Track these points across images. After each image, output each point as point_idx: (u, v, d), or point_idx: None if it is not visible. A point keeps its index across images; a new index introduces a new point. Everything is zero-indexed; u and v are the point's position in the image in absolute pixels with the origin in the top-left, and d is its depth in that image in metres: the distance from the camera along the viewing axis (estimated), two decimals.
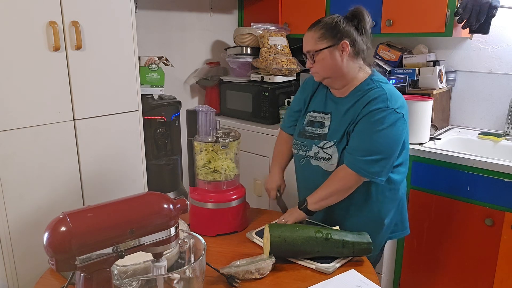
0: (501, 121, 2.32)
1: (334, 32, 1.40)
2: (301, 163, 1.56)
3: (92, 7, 1.73)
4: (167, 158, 2.21)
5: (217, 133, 1.47)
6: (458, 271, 2.02)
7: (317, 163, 1.48)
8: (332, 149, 1.44)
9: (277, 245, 1.24)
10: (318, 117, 1.53)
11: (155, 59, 2.16)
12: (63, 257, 0.81)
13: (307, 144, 1.52)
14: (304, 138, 1.54)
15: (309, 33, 1.44)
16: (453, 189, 1.97)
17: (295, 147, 1.58)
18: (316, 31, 1.42)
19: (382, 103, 1.37)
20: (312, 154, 1.50)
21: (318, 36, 1.41)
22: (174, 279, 1.00)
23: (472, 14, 2.00)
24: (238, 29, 2.72)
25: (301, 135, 1.56)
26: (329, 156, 1.45)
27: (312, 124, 1.53)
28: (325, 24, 1.41)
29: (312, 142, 1.50)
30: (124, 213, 0.90)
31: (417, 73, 2.34)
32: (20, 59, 1.57)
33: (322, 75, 1.46)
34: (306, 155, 1.52)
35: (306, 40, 1.45)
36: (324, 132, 1.48)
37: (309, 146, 1.51)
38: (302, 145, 1.54)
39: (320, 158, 1.47)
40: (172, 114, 2.19)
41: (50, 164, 1.70)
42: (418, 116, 2.09)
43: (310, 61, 1.45)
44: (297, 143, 1.57)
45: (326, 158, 1.45)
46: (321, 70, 1.44)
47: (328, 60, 1.41)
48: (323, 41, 1.40)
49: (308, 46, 1.44)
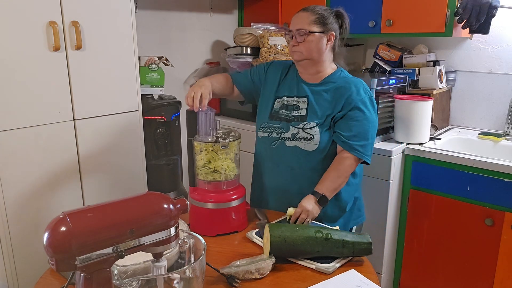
0: (501, 121, 2.32)
1: (327, 22, 1.52)
2: (272, 146, 1.60)
3: (92, 7, 1.73)
4: (167, 158, 2.21)
5: (217, 133, 1.47)
6: (458, 271, 2.02)
7: (295, 143, 1.55)
8: (315, 129, 1.53)
9: (277, 245, 1.23)
10: (291, 101, 1.60)
11: (155, 59, 2.16)
12: (63, 257, 0.81)
13: (283, 126, 1.58)
14: (279, 121, 1.60)
15: (304, 13, 1.53)
16: (453, 189, 1.97)
17: (265, 130, 1.62)
18: (312, 14, 1.51)
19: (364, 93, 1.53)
20: (289, 136, 1.56)
21: (313, 19, 1.51)
22: (174, 279, 1.00)
23: (472, 14, 2.01)
24: (238, 29, 2.72)
25: (273, 117, 1.62)
26: (311, 136, 1.52)
27: (287, 108, 1.60)
28: (321, 12, 1.52)
29: (289, 124, 1.57)
30: (124, 213, 0.90)
31: (417, 73, 2.34)
32: (20, 59, 1.57)
33: (305, 55, 1.54)
34: (281, 137, 1.58)
35: (300, 19, 1.52)
36: (301, 114, 1.56)
37: (285, 128, 1.57)
38: (276, 127, 1.60)
39: (300, 139, 1.54)
40: (172, 114, 2.19)
41: (50, 164, 1.70)
42: (418, 116, 2.09)
43: (299, 39, 1.52)
44: (269, 125, 1.61)
45: (308, 138, 1.53)
46: (307, 51, 1.53)
47: (317, 43, 1.52)
48: (317, 25, 1.51)
49: (301, 25, 1.51)
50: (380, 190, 2.10)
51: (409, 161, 2.10)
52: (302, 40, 1.51)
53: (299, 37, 1.51)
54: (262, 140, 1.64)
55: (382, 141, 2.20)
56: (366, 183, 2.15)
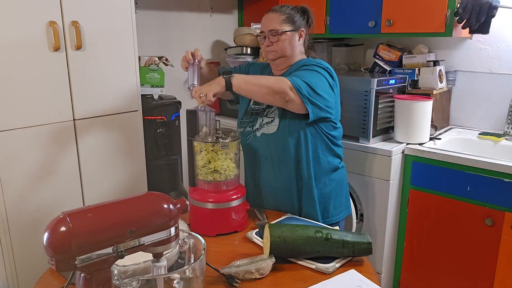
0: (501, 121, 2.32)
1: (296, 19, 1.59)
2: (247, 140, 1.65)
3: (92, 7, 1.73)
4: (167, 158, 2.21)
5: (217, 133, 1.47)
6: (458, 271, 2.02)
7: (262, 131, 1.60)
8: (275, 112, 1.58)
9: (277, 245, 1.23)
10: None
11: (155, 59, 2.16)
12: (63, 257, 0.81)
13: (253, 119, 1.64)
14: (250, 115, 1.66)
15: (273, 14, 1.58)
16: (453, 189, 1.97)
17: (241, 126, 1.68)
18: (281, 14, 1.57)
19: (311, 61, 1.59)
20: (257, 126, 1.62)
21: (283, 19, 1.57)
22: (174, 279, 1.00)
23: (472, 14, 2.00)
24: (238, 29, 2.72)
25: (247, 113, 1.68)
26: (272, 118, 1.58)
27: (257, 103, 1.65)
28: (289, 11, 1.59)
29: (258, 116, 1.63)
30: (124, 213, 0.90)
31: (417, 73, 2.34)
32: (20, 59, 1.57)
33: (280, 54, 1.59)
34: (253, 129, 1.63)
35: (270, 20, 1.58)
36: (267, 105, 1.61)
37: (255, 120, 1.64)
38: (248, 122, 1.66)
39: (264, 124, 1.59)
40: (172, 114, 2.19)
41: (50, 164, 1.70)
42: (418, 116, 2.09)
43: (272, 39, 1.57)
44: (244, 121, 1.68)
45: (269, 121, 1.58)
46: (281, 50, 1.58)
47: (290, 41, 1.58)
48: (287, 24, 1.57)
49: (272, 26, 1.57)
50: (380, 190, 2.10)
51: (409, 161, 2.10)
52: (276, 40, 1.57)
53: (272, 37, 1.57)
54: (241, 136, 1.68)
55: (382, 141, 2.20)
56: (366, 183, 2.16)
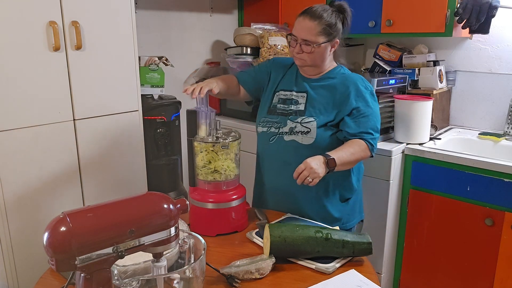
0: (501, 121, 2.32)
1: (332, 30, 1.51)
2: (271, 141, 1.60)
3: (92, 7, 1.73)
4: (167, 158, 2.21)
5: (217, 133, 1.47)
6: (458, 271, 2.02)
7: (293, 137, 1.54)
8: (312, 123, 1.53)
9: (277, 245, 1.23)
10: (289, 95, 1.61)
11: (155, 59, 2.16)
12: (63, 257, 0.81)
13: (280, 120, 1.58)
14: (276, 115, 1.60)
15: (310, 22, 1.49)
16: (453, 189, 1.97)
17: (264, 125, 1.63)
18: (318, 25, 1.49)
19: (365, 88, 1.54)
20: (286, 130, 1.56)
21: (319, 30, 1.49)
22: (174, 279, 1.00)
23: (472, 14, 2.00)
24: (238, 29, 2.72)
25: (272, 112, 1.62)
26: (308, 129, 1.52)
27: (284, 102, 1.61)
28: (327, 22, 1.49)
29: (286, 118, 1.57)
30: (124, 213, 0.90)
31: (417, 73, 2.34)
32: (20, 59, 1.57)
33: (308, 63, 1.54)
34: (279, 131, 1.57)
35: (306, 28, 1.49)
36: (300, 109, 1.57)
37: (283, 122, 1.57)
38: (274, 122, 1.60)
39: (297, 132, 1.54)
40: (172, 114, 2.19)
41: (50, 164, 1.70)
42: (418, 116, 2.09)
43: (304, 49, 1.51)
44: (267, 120, 1.62)
45: (305, 131, 1.53)
46: (311, 60, 1.53)
47: (322, 53, 1.53)
48: (322, 36, 1.50)
49: (308, 36, 1.50)
50: (380, 190, 2.10)
51: (409, 161, 2.10)
52: (308, 51, 1.51)
53: (305, 47, 1.51)
54: (261, 135, 1.65)
55: (382, 141, 2.20)
56: (366, 183, 2.15)
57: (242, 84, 1.73)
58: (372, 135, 1.51)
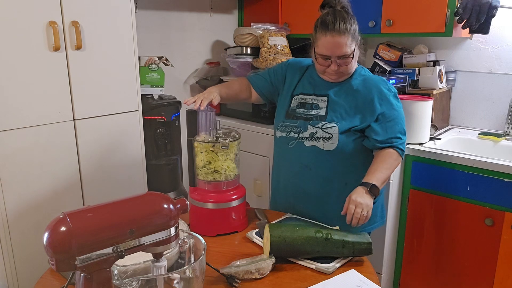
0: (501, 121, 2.32)
1: (356, 33, 1.48)
2: (290, 146, 1.56)
3: (92, 7, 1.73)
4: (167, 158, 2.21)
5: (217, 133, 1.47)
6: (458, 271, 2.02)
7: (314, 143, 1.51)
8: (334, 129, 1.49)
9: (277, 245, 1.23)
10: (309, 99, 1.57)
11: (155, 59, 2.16)
12: (63, 257, 0.81)
13: (300, 125, 1.54)
14: (296, 120, 1.56)
15: (340, 38, 1.42)
16: (453, 189, 1.97)
17: (282, 129, 1.58)
18: (348, 37, 1.43)
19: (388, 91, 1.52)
20: (307, 135, 1.52)
21: (350, 40, 1.45)
22: (174, 279, 1.00)
23: (472, 14, 2.00)
24: (238, 29, 2.72)
25: (290, 116, 1.58)
26: (330, 135, 1.49)
27: (304, 106, 1.57)
28: (352, 29, 1.45)
29: (307, 123, 1.53)
30: (124, 213, 0.90)
31: (417, 73, 2.34)
32: (20, 59, 1.57)
33: (346, 73, 1.52)
34: (299, 136, 1.54)
35: (339, 45, 1.43)
36: (321, 114, 1.53)
37: (303, 127, 1.53)
38: (293, 127, 1.56)
39: (318, 138, 1.50)
40: (172, 114, 2.19)
41: (50, 164, 1.70)
42: (418, 116, 2.09)
43: (342, 63, 1.47)
44: (287, 124, 1.57)
45: (327, 137, 1.49)
46: (349, 70, 1.50)
47: (356, 57, 1.50)
48: (353, 43, 1.46)
49: (343, 51, 1.44)
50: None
51: (409, 161, 2.10)
52: (346, 64, 1.47)
53: (342, 61, 1.46)
54: (280, 140, 1.61)
55: None
56: None
57: (255, 88, 1.69)
58: (401, 139, 1.50)
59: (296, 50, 2.61)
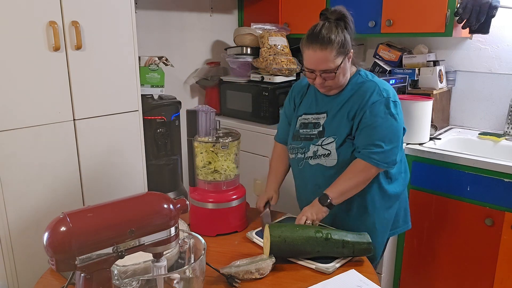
0: (501, 121, 2.32)
1: (345, 47, 1.42)
2: (300, 167, 1.57)
3: (92, 7, 1.73)
4: (167, 158, 2.21)
5: (217, 133, 1.47)
6: (458, 271, 2.02)
7: (317, 161, 1.50)
8: (331, 144, 1.48)
9: (277, 245, 1.24)
10: (311, 118, 1.56)
11: (155, 59, 2.16)
12: (63, 257, 0.81)
13: (304, 145, 1.54)
14: (300, 141, 1.55)
15: (322, 53, 1.39)
16: (453, 189, 1.97)
17: (291, 151, 1.59)
18: (331, 50, 1.39)
19: (378, 96, 1.44)
20: (311, 154, 1.51)
21: (334, 55, 1.40)
22: (174, 279, 1.00)
23: (472, 14, 2.00)
24: (238, 29, 2.72)
25: (296, 138, 1.58)
26: (328, 151, 1.48)
27: (306, 126, 1.56)
28: (338, 42, 1.40)
29: (310, 143, 1.53)
30: (124, 213, 0.90)
31: (417, 73, 2.34)
32: (20, 59, 1.57)
33: (334, 87, 1.48)
34: (305, 156, 1.53)
35: (321, 60, 1.40)
36: (320, 130, 1.52)
37: (307, 147, 1.53)
38: (299, 148, 1.55)
39: (320, 156, 1.49)
40: (172, 114, 2.19)
41: (50, 164, 1.70)
42: (418, 116, 2.09)
43: (326, 76, 1.43)
44: (293, 147, 1.58)
45: (326, 154, 1.48)
46: (335, 83, 1.45)
47: (343, 70, 1.44)
48: (338, 57, 1.41)
49: (325, 66, 1.41)
50: None
51: (409, 161, 2.10)
52: (331, 78, 1.43)
53: (326, 75, 1.43)
54: (292, 162, 1.62)
55: None
56: None
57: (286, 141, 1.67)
58: (381, 147, 1.40)
59: (296, 50, 2.61)
